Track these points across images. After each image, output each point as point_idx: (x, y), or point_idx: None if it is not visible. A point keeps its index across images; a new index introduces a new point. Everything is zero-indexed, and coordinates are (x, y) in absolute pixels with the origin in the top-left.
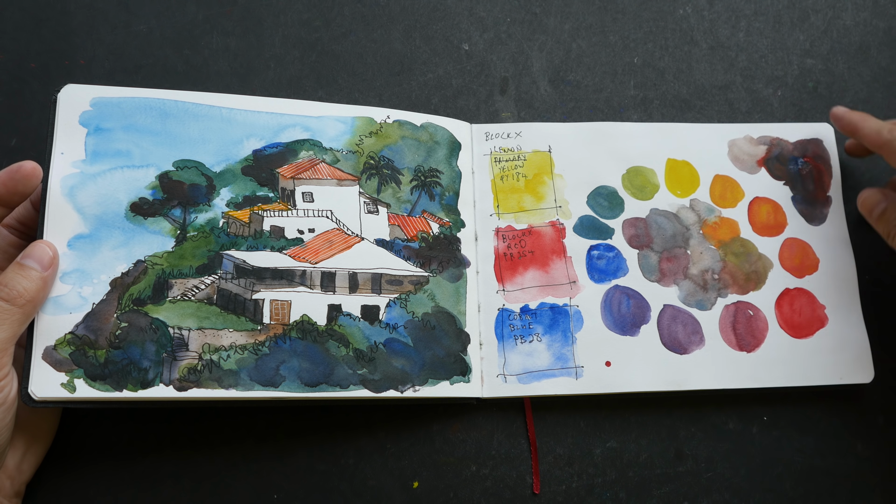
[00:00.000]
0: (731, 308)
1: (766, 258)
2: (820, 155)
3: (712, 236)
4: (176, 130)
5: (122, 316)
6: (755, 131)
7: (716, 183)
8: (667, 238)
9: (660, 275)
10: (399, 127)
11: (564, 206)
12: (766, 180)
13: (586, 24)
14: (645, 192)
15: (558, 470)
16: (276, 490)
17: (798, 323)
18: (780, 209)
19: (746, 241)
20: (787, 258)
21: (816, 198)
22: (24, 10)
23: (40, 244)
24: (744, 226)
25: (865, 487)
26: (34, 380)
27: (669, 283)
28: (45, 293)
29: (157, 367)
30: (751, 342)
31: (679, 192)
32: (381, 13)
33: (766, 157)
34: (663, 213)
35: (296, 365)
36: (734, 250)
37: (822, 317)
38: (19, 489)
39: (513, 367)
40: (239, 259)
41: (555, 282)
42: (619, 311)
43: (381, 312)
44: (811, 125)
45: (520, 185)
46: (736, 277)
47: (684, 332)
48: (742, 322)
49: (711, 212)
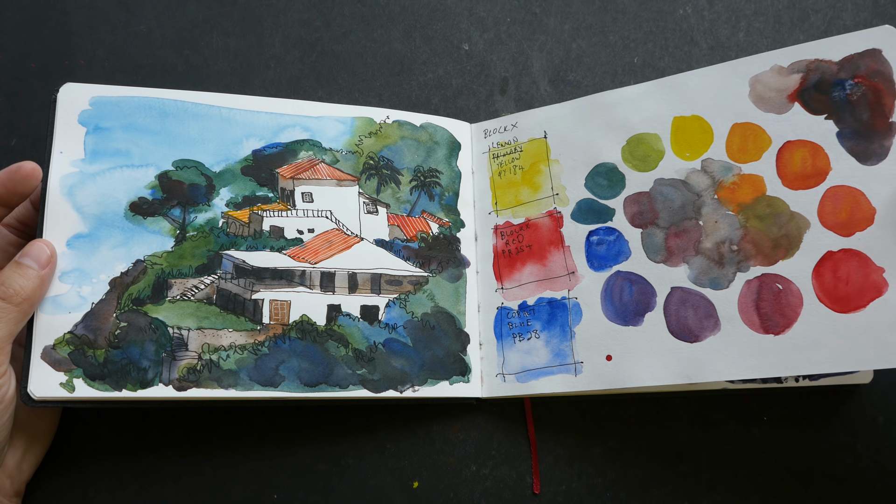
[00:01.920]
0: (753, 284)
1: (801, 217)
2: (878, 70)
3: (730, 200)
4: (175, 130)
5: (122, 316)
6: (786, 57)
7: (734, 134)
8: (674, 210)
9: (666, 254)
10: (398, 127)
11: (561, 193)
12: (801, 118)
13: (586, 24)
14: (648, 162)
15: (558, 470)
16: (276, 490)
17: (845, 294)
18: (820, 151)
19: (774, 199)
20: (831, 213)
21: (874, 127)
22: (24, 10)
23: (38, 243)
24: (771, 181)
25: (865, 487)
26: (33, 379)
27: (678, 263)
28: (42, 291)
29: (157, 367)
30: (780, 322)
31: (688, 155)
32: (381, 13)
33: (801, 87)
34: (669, 183)
35: (295, 365)
36: (758, 213)
37: (880, 282)
38: (19, 489)
39: (511, 366)
40: (238, 259)
41: (553, 275)
42: (620, 300)
43: (380, 312)
44: (867, 32)
45: (517, 179)
46: (760, 246)
47: (695, 316)
48: (768, 299)
49: (728, 170)
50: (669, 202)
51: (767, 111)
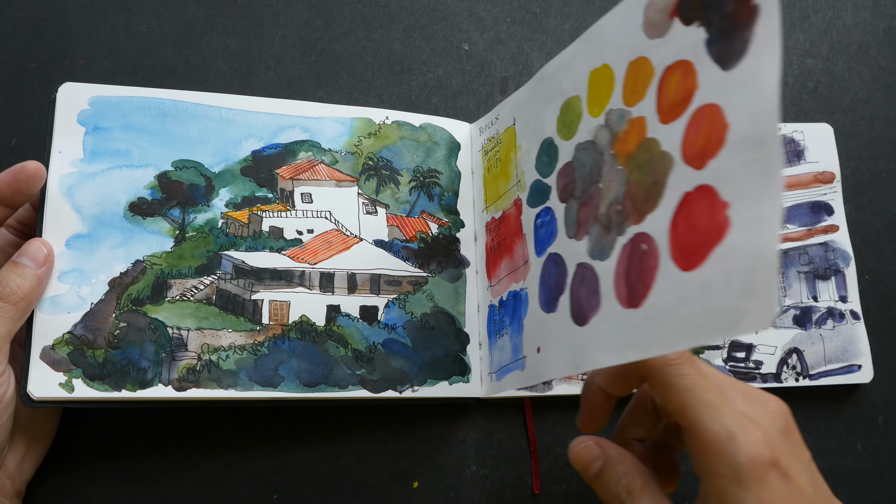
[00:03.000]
0: (627, 248)
1: (668, 155)
2: None
3: (621, 153)
4: (175, 130)
5: (121, 316)
6: None
7: (629, 74)
8: (585, 176)
9: (577, 227)
10: (398, 128)
11: (522, 179)
12: (678, 35)
13: (586, 24)
14: (571, 129)
15: (558, 470)
16: (276, 490)
17: (693, 245)
18: (690, 69)
19: (651, 140)
20: (691, 143)
21: (738, 18)
22: (24, 10)
23: (35, 242)
24: (651, 120)
25: (865, 487)
26: (32, 380)
27: (583, 235)
28: (40, 291)
29: (156, 368)
30: (640, 291)
31: (596, 111)
32: (381, 13)
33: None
34: (584, 146)
35: (294, 365)
36: (638, 161)
37: (721, 223)
38: (20, 489)
39: (494, 365)
40: (238, 259)
41: (516, 266)
42: (547, 285)
43: (379, 313)
44: None
45: (498, 171)
46: (636, 200)
47: (587, 295)
48: (635, 265)
49: (622, 118)
50: (583, 168)
51: (653, 37)
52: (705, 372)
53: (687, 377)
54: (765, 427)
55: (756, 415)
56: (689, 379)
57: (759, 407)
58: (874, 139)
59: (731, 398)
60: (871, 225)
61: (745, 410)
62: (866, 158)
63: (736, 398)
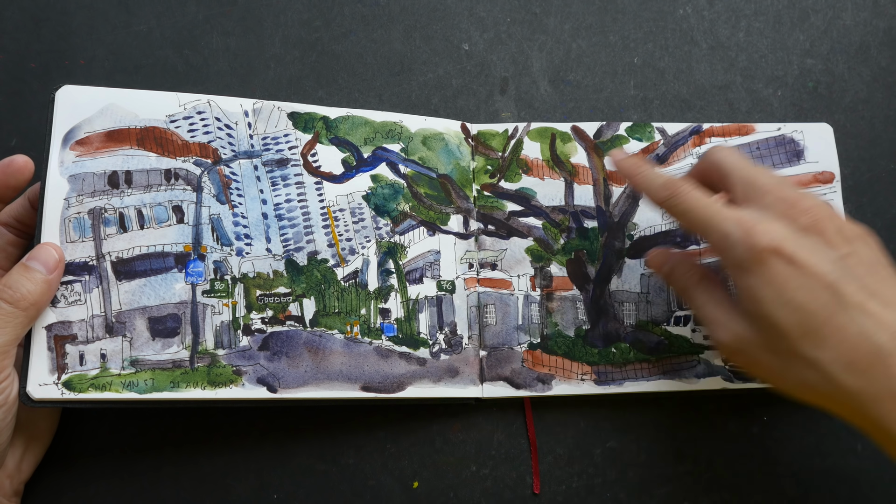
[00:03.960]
0: None
1: None
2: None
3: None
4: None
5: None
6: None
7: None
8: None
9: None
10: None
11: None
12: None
13: (586, 24)
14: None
15: (558, 470)
16: (276, 490)
17: None
18: None
19: None
20: None
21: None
22: (24, 10)
23: (46, 247)
24: None
25: (865, 487)
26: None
27: None
28: (49, 296)
29: None
30: None
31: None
32: (381, 13)
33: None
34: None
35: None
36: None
37: None
38: (18, 488)
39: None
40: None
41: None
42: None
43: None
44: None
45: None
46: None
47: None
48: None
49: None
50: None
51: None
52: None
53: (682, 204)
54: (773, 224)
55: (774, 214)
56: (685, 203)
57: (781, 206)
58: (874, 139)
59: (743, 205)
60: (871, 225)
61: (753, 213)
62: (866, 158)
63: (756, 202)
